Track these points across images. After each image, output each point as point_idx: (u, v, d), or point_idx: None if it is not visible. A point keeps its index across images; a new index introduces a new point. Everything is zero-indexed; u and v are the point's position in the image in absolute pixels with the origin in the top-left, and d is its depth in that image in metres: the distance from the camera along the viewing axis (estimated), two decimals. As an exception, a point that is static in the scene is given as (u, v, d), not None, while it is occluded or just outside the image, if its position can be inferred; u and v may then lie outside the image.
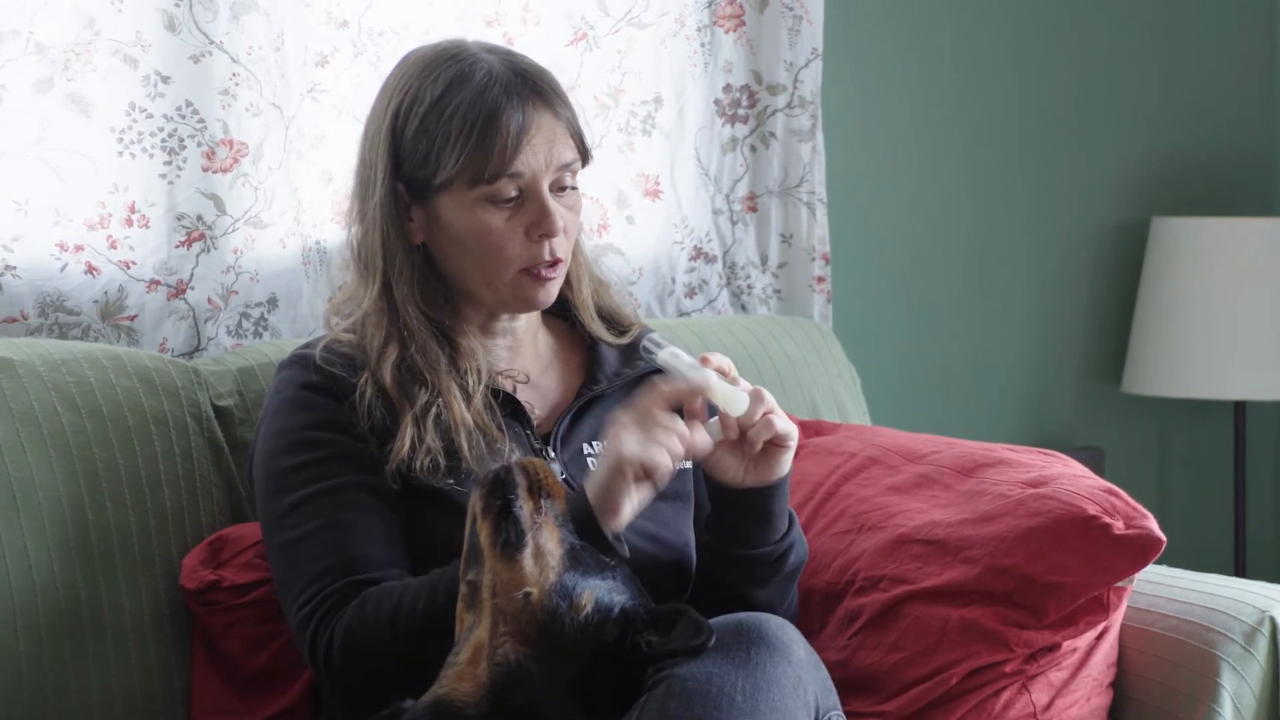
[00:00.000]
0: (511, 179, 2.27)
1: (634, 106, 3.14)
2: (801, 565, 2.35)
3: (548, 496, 2.04)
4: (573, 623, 1.97)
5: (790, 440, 2.23)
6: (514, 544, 1.99)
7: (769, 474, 2.25)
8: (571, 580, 1.99)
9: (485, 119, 2.26)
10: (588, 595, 1.99)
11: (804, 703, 2.01)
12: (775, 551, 2.30)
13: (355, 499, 2.23)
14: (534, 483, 2.04)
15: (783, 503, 2.29)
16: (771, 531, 2.29)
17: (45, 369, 2.45)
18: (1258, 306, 3.65)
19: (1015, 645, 2.34)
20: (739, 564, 2.29)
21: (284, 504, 2.25)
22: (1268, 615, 2.40)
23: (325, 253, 2.85)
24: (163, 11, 2.71)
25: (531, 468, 2.05)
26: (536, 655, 1.96)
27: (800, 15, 3.24)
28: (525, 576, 1.98)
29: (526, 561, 1.98)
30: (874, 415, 3.28)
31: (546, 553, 2.00)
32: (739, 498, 2.26)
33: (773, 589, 2.31)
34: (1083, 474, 2.44)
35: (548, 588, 1.98)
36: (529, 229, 2.29)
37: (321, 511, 2.23)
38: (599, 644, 1.98)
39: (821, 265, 3.30)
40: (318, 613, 2.19)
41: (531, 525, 2.01)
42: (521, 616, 1.97)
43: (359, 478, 2.25)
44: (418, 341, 2.30)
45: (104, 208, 2.70)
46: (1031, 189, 3.74)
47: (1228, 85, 3.95)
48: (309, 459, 2.26)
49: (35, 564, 2.36)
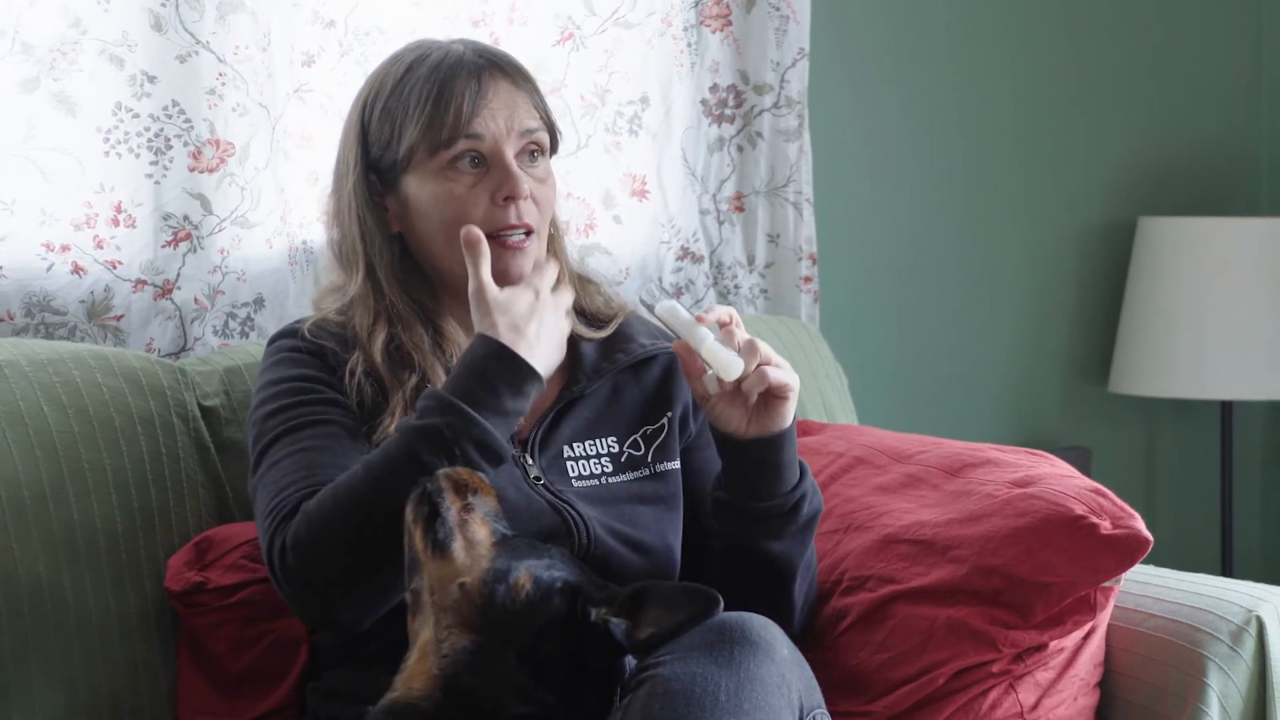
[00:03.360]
0: (471, 143, 2.28)
1: (621, 106, 3.14)
2: (817, 515, 2.34)
3: (474, 493, 2.05)
4: (514, 603, 1.99)
5: (789, 391, 2.23)
6: (443, 542, 2.01)
7: (770, 425, 2.25)
8: (504, 564, 2.01)
9: (440, 86, 2.28)
10: (524, 574, 2.01)
11: (788, 702, 2.01)
12: (787, 503, 2.29)
13: (332, 434, 2.23)
14: (459, 484, 2.05)
15: (790, 453, 2.28)
16: (781, 483, 2.28)
17: (32, 369, 2.45)
18: (1244, 306, 3.66)
19: (1002, 645, 2.34)
20: (752, 517, 2.29)
21: (266, 440, 2.25)
22: (1254, 615, 2.40)
23: (312, 253, 2.85)
24: (149, 11, 2.71)
25: (456, 473, 2.06)
26: (482, 639, 1.98)
27: (787, 15, 3.25)
28: (458, 568, 2.00)
29: (458, 554, 2.01)
30: (861, 415, 3.28)
31: (476, 542, 2.02)
32: (744, 449, 2.26)
33: (788, 541, 2.31)
34: (1070, 474, 2.45)
35: (480, 574, 2.00)
36: (494, 193, 2.29)
37: (298, 442, 2.22)
38: (546, 619, 1.99)
39: (808, 265, 3.30)
40: (275, 521, 2.16)
41: (459, 522, 2.02)
42: (461, 606, 1.99)
43: (341, 420, 2.25)
44: (404, 321, 2.30)
45: (90, 207, 2.70)
46: (1019, 189, 3.74)
47: (1214, 86, 3.96)
48: (293, 402, 2.26)
49: (21, 564, 2.35)
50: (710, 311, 2.24)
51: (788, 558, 2.31)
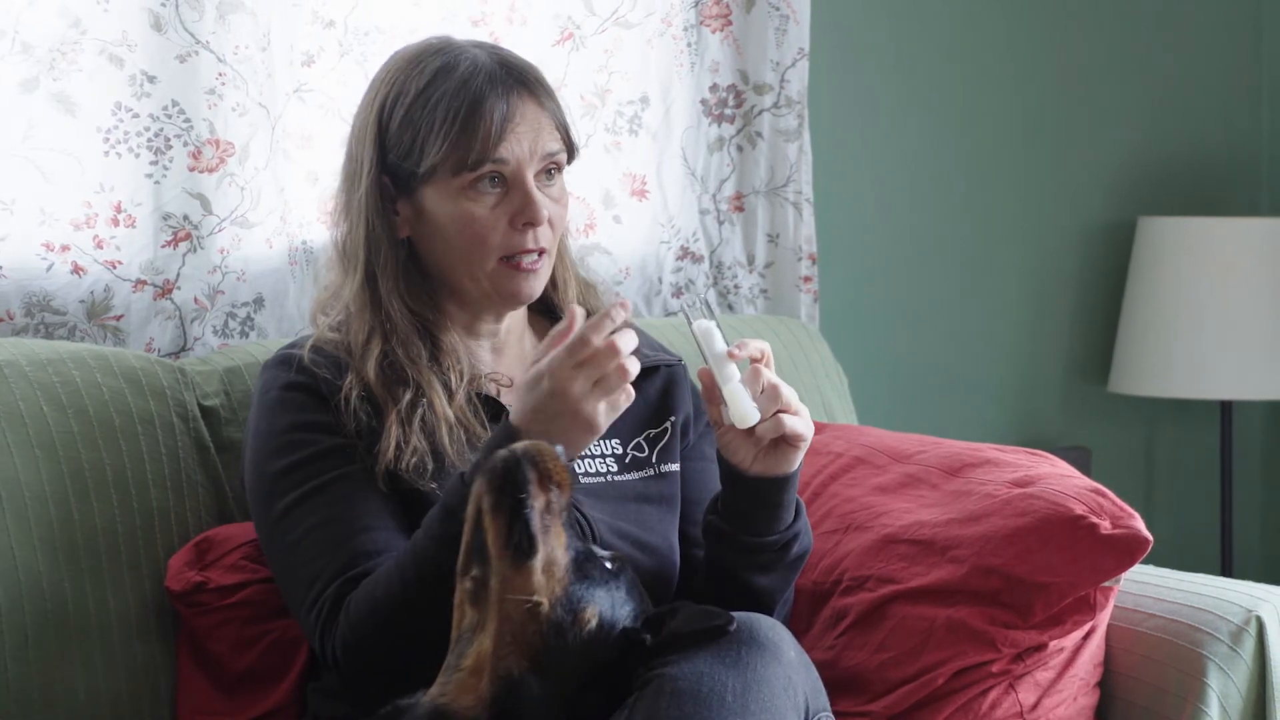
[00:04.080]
0: (495, 166, 2.27)
1: (621, 106, 3.14)
2: (805, 556, 2.34)
3: (557, 487, 1.97)
4: (575, 638, 1.95)
5: (802, 441, 2.23)
6: (525, 550, 1.94)
7: (776, 467, 2.24)
8: (578, 593, 1.96)
9: (469, 107, 2.26)
10: (591, 610, 1.97)
11: (794, 703, 2.01)
12: (779, 541, 2.29)
13: (345, 492, 2.23)
14: (543, 474, 1.96)
15: (791, 494, 2.28)
16: (777, 521, 2.28)
17: (31, 369, 2.45)
18: (1244, 306, 3.66)
19: (1002, 645, 2.34)
20: (742, 549, 2.29)
21: (277, 509, 2.25)
22: (1254, 615, 2.40)
23: (312, 252, 2.85)
24: (149, 11, 2.70)
25: (539, 457, 1.96)
26: (537, 669, 1.93)
27: (787, 15, 3.24)
28: (534, 585, 1.94)
29: (536, 571, 1.94)
30: (861, 415, 3.28)
31: (555, 563, 1.96)
32: (747, 484, 2.25)
33: (774, 576, 2.31)
34: (1070, 474, 2.45)
35: (554, 600, 1.95)
36: (513, 217, 2.29)
37: (312, 511, 2.22)
38: (598, 663, 1.97)
39: (808, 265, 3.30)
40: (321, 618, 2.19)
41: (542, 529, 1.95)
42: (528, 626, 1.94)
43: (347, 470, 2.24)
44: (400, 335, 2.29)
45: (90, 207, 2.70)
46: (1018, 189, 3.74)
47: (1213, 86, 3.96)
48: (296, 460, 2.25)
49: (21, 564, 2.35)
50: (744, 347, 2.20)
51: (769, 592, 2.31)
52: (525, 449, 1.95)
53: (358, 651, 2.15)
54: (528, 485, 1.94)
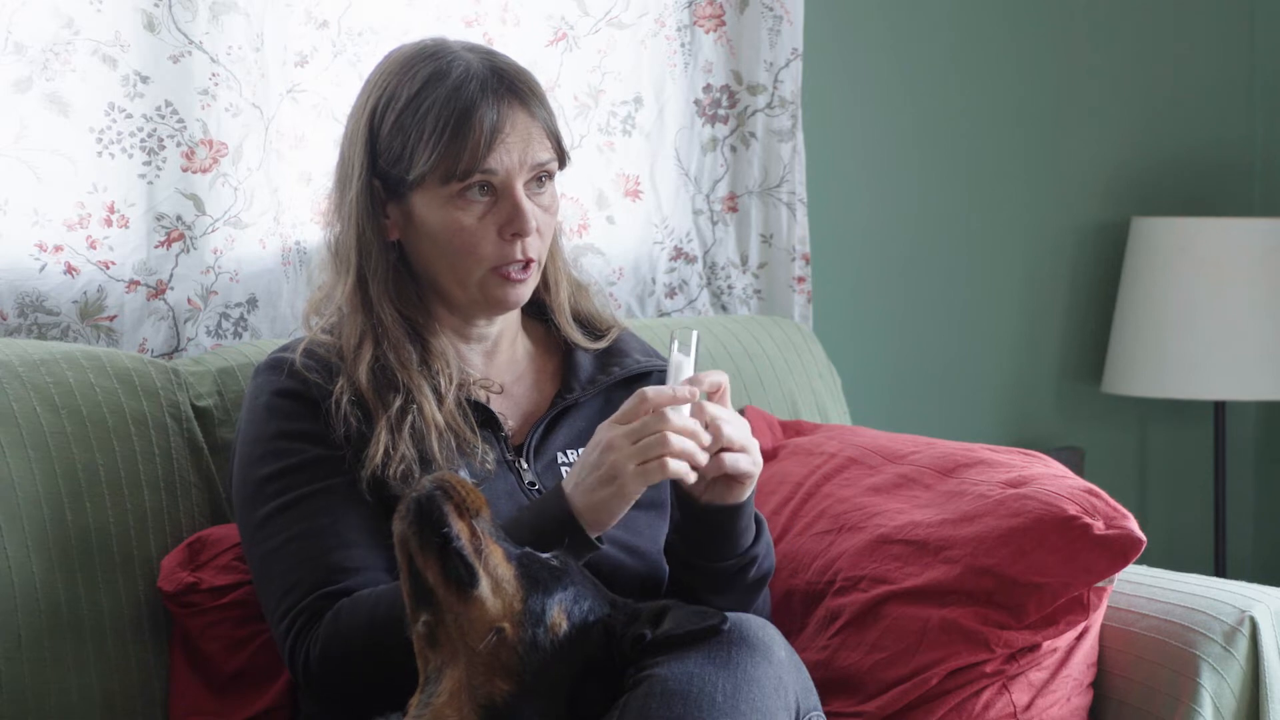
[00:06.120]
0: (484, 176, 2.27)
1: (614, 107, 3.14)
2: (766, 577, 2.33)
3: (475, 515, 1.96)
4: (553, 645, 1.95)
5: (747, 479, 2.21)
6: (467, 581, 1.93)
7: (723, 498, 2.23)
8: (538, 603, 1.96)
9: (459, 115, 2.26)
10: (558, 613, 1.96)
11: (784, 703, 2.01)
12: (735, 565, 2.28)
13: (328, 505, 2.23)
14: (460, 504, 1.95)
15: (745, 521, 2.26)
16: (732, 546, 2.27)
17: (24, 369, 2.45)
18: (1238, 306, 3.66)
19: (995, 645, 2.34)
20: (697, 571, 2.28)
21: (259, 515, 2.25)
22: (1248, 615, 2.40)
23: (305, 253, 2.85)
24: (142, 11, 2.70)
25: (451, 488, 1.96)
26: (522, 690, 1.93)
27: (780, 15, 3.25)
28: (490, 613, 1.93)
29: (486, 596, 1.94)
30: (854, 415, 3.28)
31: (502, 580, 1.95)
32: (698, 511, 2.24)
33: (732, 597, 2.29)
34: (1063, 474, 2.45)
35: (515, 620, 1.94)
36: (501, 227, 2.28)
37: (294, 521, 2.22)
38: (584, 661, 1.96)
39: (802, 265, 3.30)
40: (294, 627, 2.19)
41: (476, 554, 1.94)
42: (500, 654, 1.93)
43: (332, 482, 2.24)
44: (391, 338, 2.29)
45: (83, 208, 2.69)
46: (1012, 189, 3.74)
47: (1207, 86, 3.96)
48: (281, 467, 2.25)
49: (14, 565, 2.35)
50: (704, 378, 2.18)
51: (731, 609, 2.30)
52: (434, 483, 1.95)
53: (341, 662, 2.15)
54: (447, 519, 1.93)
